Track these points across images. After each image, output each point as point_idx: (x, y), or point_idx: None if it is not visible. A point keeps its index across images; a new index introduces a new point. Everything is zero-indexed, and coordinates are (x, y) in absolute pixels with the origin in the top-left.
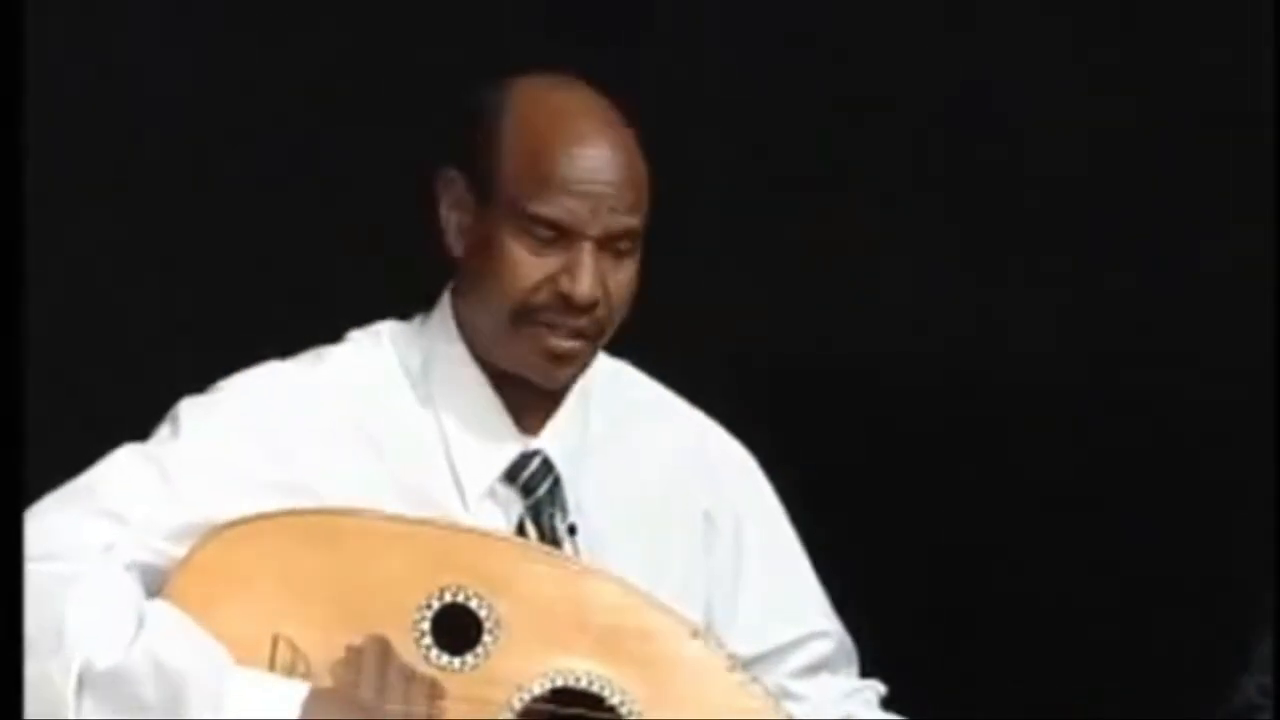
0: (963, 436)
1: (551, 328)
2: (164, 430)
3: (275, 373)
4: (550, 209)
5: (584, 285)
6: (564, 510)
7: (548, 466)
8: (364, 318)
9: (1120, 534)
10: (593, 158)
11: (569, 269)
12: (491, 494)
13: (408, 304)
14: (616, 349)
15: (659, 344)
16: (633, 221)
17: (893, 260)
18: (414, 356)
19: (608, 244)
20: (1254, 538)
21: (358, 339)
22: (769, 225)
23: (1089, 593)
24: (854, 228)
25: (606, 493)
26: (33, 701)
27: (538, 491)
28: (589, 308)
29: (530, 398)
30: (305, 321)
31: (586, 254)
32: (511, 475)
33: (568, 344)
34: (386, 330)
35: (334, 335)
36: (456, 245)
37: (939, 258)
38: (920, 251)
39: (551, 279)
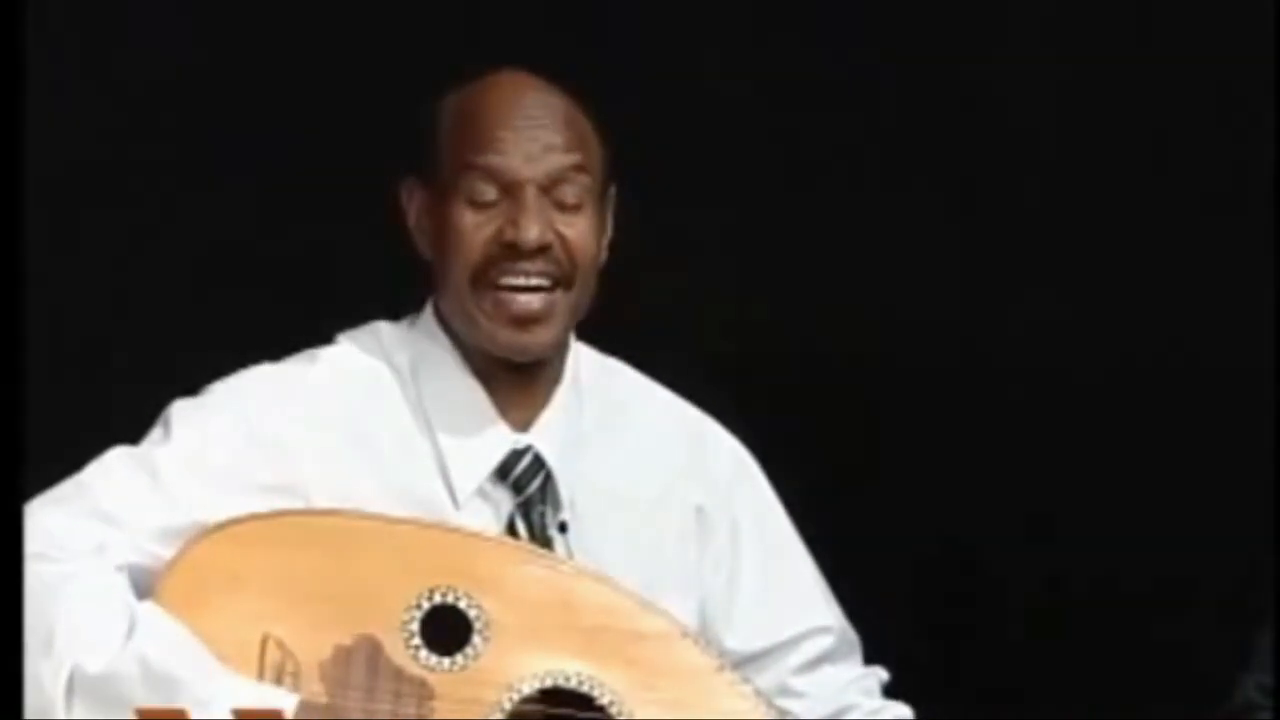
0: (962, 434)
1: (510, 289)
2: (156, 432)
3: (266, 375)
4: (488, 157)
5: (527, 229)
6: (555, 507)
7: (539, 463)
8: (365, 318)
9: (1120, 533)
10: (525, 106)
11: (512, 219)
12: (482, 492)
13: (408, 305)
14: (616, 347)
15: (658, 343)
16: (571, 159)
17: (893, 259)
18: (402, 357)
19: (551, 190)
20: (1253, 538)
21: (348, 340)
22: (769, 224)
23: (1089, 592)
24: (855, 226)
25: (599, 488)
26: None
27: (528, 489)
28: (537, 252)
29: (519, 393)
30: (306, 321)
31: (528, 199)
32: (502, 473)
33: (526, 301)
34: (376, 331)
35: (334, 336)
36: (425, 247)
37: (939, 257)
38: (921, 251)
39: (498, 233)
